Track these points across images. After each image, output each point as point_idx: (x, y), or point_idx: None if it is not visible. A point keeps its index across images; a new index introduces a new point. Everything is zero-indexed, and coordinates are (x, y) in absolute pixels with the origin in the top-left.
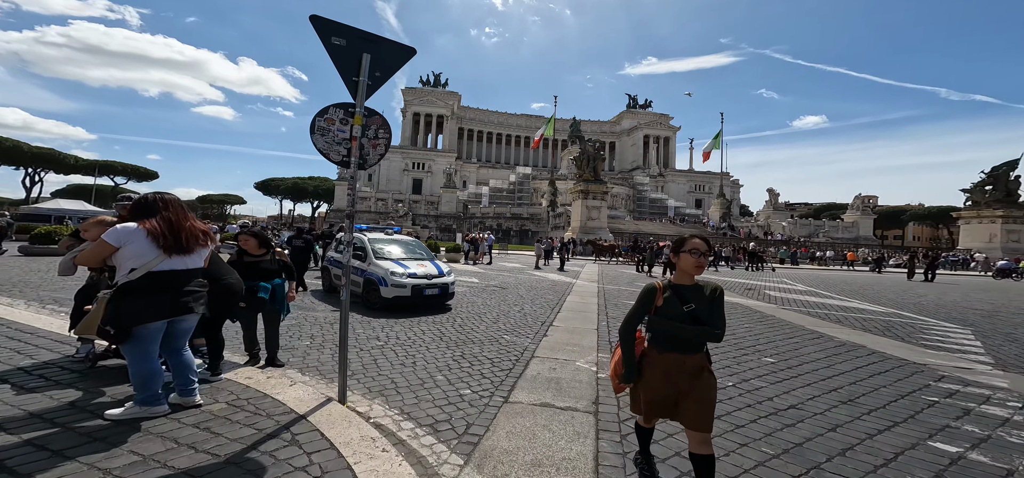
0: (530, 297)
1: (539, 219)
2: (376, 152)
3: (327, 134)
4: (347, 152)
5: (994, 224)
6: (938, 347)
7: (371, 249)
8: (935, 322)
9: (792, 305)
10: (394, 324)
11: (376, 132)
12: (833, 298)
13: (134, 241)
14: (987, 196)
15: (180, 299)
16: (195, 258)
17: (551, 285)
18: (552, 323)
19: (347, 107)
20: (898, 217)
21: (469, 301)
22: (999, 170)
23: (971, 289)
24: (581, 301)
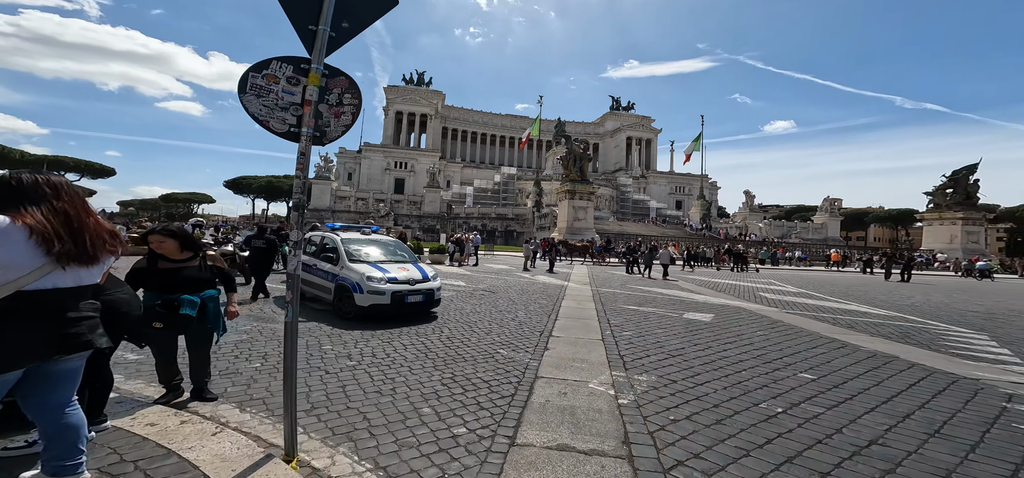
0: (523, 302)
1: (524, 220)
2: (340, 123)
3: (266, 96)
4: (297, 121)
5: (954, 225)
6: (972, 356)
7: (344, 251)
8: (945, 326)
9: (794, 308)
10: (371, 338)
11: (341, 97)
12: (829, 300)
13: (1, 243)
14: (948, 199)
15: (67, 331)
16: (95, 271)
17: (543, 288)
18: (551, 333)
19: (298, 63)
20: (861, 219)
21: (457, 308)
22: (959, 174)
23: (949, 290)
24: (577, 306)
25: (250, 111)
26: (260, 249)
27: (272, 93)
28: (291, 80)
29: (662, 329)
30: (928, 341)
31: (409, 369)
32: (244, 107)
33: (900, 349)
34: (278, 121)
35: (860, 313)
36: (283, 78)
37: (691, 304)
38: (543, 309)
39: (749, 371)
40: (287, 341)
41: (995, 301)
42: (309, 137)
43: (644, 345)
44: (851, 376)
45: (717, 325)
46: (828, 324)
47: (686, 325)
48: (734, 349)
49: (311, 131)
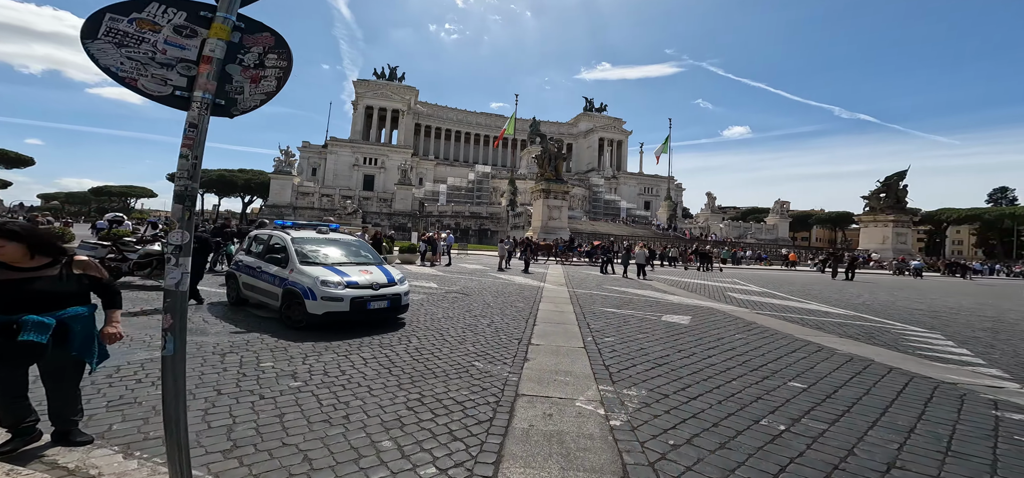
0: (498, 305)
1: (499, 218)
2: (259, 90)
3: (135, 47)
4: (189, 84)
5: (887, 227)
6: (939, 358)
7: (294, 252)
8: (901, 326)
9: (762, 309)
10: (324, 351)
11: (262, 58)
12: (791, 300)
13: None
14: (881, 203)
15: None
16: None
17: (519, 290)
18: (530, 340)
19: (197, 8)
20: (806, 221)
21: (427, 313)
22: (891, 179)
23: (889, 288)
24: (556, 309)
25: (102, 64)
26: None
27: (145, 44)
28: (182, 30)
29: (643, 334)
30: (893, 342)
31: (368, 390)
32: (92, 57)
33: (872, 351)
34: (154, 81)
35: (822, 313)
36: (167, 26)
37: (667, 306)
38: (520, 313)
39: (739, 381)
40: (167, 381)
41: (932, 299)
42: (206, 105)
43: (628, 353)
44: (839, 383)
45: (696, 328)
46: (797, 325)
47: (666, 329)
48: (718, 355)
49: (210, 97)
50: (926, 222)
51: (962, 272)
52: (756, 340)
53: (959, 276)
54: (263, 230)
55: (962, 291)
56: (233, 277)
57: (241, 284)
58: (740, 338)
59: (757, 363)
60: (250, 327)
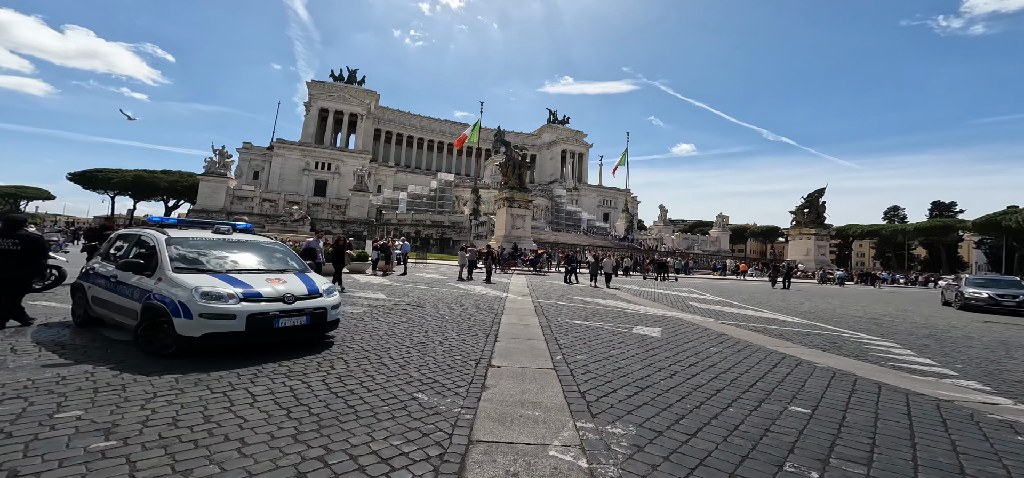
0: (454, 318)
1: (461, 227)
2: None
3: None
4: None
5: (810, 240)
6: (915, 370)
7: (168, 255)
8: (857, 335)
9: (725, 318)
10: (191, 387)
11: None
12: (748, 308)
13: None
14: (805, 218)
15: None
16: None
17: (478, 301)
18: (490, 361)
19: None
20: (742, 234)
21: (367, 329)
22: (812, 196)
23: (823, 295)
24: (519, 322)
25: None
26: (5, 253)
27: None
28: None
29: (618, 349)
30: (860, 352)
31: (239, 448)
32: None
33: (849, 364)
34: None
35: (780, 321)
36: None
37: (636, 317)
38: (480, 327)
39: (736, 408)
40: None
41: (863, 305)
42: None
43: (604, 374)
44: (839, 406)
45: (670, 341)
46: (764, 335)
47: (640, 343)
48: (702, 374)
49: None
50: (836, 236)
51: (872, 281)
52: (732, 354)
53: (870, 284)
54: (131, 229)
55: (879, 298)
56: (80, 289)
57: (90, 298)
58: (716, 352)
59: (745, 382)
60: (82, 357)
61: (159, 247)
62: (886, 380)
